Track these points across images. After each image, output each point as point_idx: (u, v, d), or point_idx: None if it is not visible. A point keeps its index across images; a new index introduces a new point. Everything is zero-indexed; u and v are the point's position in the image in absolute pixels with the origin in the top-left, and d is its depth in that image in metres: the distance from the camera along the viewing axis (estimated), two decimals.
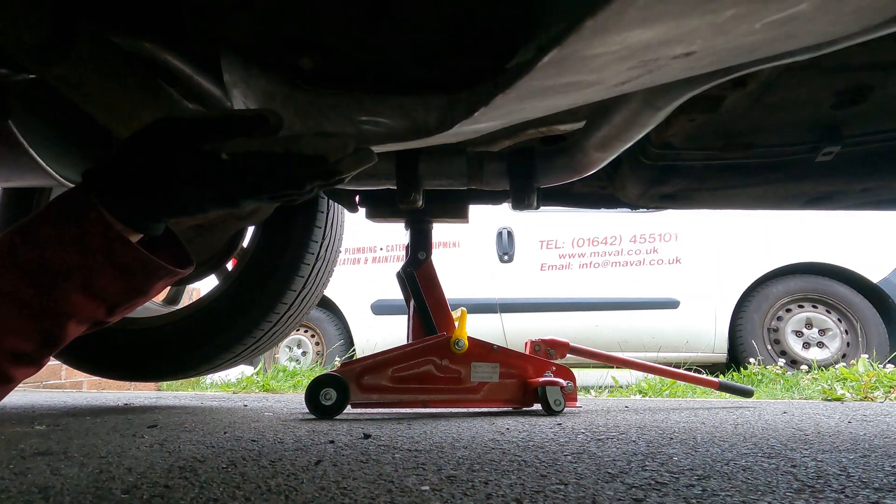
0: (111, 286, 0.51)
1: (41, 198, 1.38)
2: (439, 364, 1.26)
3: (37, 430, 1.00)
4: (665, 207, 1.02)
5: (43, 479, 0.59)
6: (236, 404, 1.67)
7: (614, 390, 2.44)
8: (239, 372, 3.15)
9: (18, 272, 0.48)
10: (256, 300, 1.32)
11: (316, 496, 0.52)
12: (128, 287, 0.52)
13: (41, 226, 0.49)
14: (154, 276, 0.53)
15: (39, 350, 0.51)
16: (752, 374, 2.70)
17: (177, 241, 0.59)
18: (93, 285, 0.50)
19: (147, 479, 0.59)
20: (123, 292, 0.52)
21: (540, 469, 0.65)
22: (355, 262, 3.67)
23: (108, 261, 0.49)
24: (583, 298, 3.25)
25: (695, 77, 0.53)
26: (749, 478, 0.60)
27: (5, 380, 0.50)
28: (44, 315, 0.49)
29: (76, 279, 0.49)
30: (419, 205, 0.87)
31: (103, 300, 0.51)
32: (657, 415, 1.32)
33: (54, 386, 2.92)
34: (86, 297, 0.50)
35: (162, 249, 0.57)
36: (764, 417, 1.25)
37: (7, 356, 0.49)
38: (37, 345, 0.50)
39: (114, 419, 1.18)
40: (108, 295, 0.51)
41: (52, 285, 0.48)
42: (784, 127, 0.77)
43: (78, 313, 0.50)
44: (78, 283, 0.49)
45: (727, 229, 3.21)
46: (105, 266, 0.49)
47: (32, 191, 1.38)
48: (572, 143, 0.81)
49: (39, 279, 0.48)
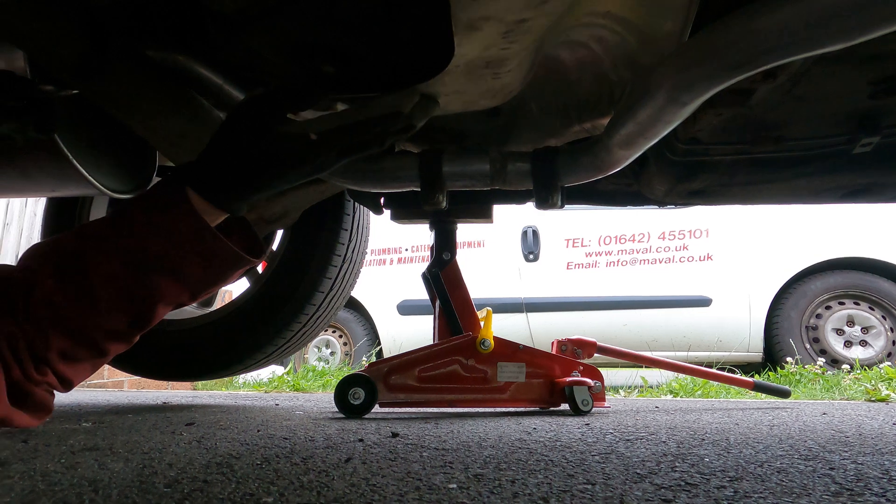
0: (196, 273, 0.55)
1: (83, 207, 1.45)
2: (465, 364, 1.26)
3: (84, 427, 1.05)
4: (693, 204, 1.00)
5: (92, 473, 0.62)
6: (268, 403, 1.71)
7: (644, 390, 2.40)
8: (270, 372, 3.23)
9: (118, 257, 0.53)
10: (286, 302, 1.35)
11: (347, 492, 0.53)
12: (210, 275, 0.56)
13: (138, 214, 0.54)
14: (234, 265, 0.57)
15: (130, 329, 0.56)
16: (790, 374, 2.61)
17: (249, 230, 0.63)
18: (180, 272, 0.54)
19: (187, 474, 0.62)
20: (206, 279, 0.57)
21: (567, 469, 0.64)
22: (381, 264, 3.71)
23: (195, 250, 0.54)
24: (610, 297, 3.20)
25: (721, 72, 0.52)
26: (784, 480, 0.59)
27: (101, 354, 0.55)
28: (137, 297, 0.54)
29: (166, 266, 0.54)
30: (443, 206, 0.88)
31: (188, 286, 0.56)
32: (688, 415, 1.29)
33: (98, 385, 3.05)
34: (174, 283, 0.55)
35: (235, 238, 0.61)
36: (801, 419, 1.21)
37: (104, 333, 0.54)
38: (128, 324, 0.55)
39: (154, 417, 1.23)
40: (193, 281, 0.56)
41: (145, 271, 0.53)
42: (817, 119, 0.74)
43: (165, 297, 0.55)
44: (168, 270, 0.54)
45: (761, 224, 3.11)
46: (192, 255, 0.54)
47: (75, 200, 1.45)
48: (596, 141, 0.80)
49: (135, 265, 0.53)
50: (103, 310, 0.53)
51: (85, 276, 0.52)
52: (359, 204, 1.39)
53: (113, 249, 0.53)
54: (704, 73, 0.52)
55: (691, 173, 0.88)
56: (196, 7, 0.61)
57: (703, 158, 0.84)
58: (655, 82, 0.58)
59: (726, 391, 2.22)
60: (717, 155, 0.83)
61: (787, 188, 0.89)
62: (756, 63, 0.49)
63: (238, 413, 1.34)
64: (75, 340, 0.53)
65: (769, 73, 0.62)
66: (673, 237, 3.21)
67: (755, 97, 0.66)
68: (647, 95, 0.60)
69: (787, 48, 0.46)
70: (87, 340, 0.53)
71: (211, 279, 0.57)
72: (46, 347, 0.51)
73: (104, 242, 0.53)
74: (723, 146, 0.81)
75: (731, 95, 0.65)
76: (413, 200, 1.15)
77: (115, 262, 0.53)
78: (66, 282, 0.52)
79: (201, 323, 1.41)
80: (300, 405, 1.61)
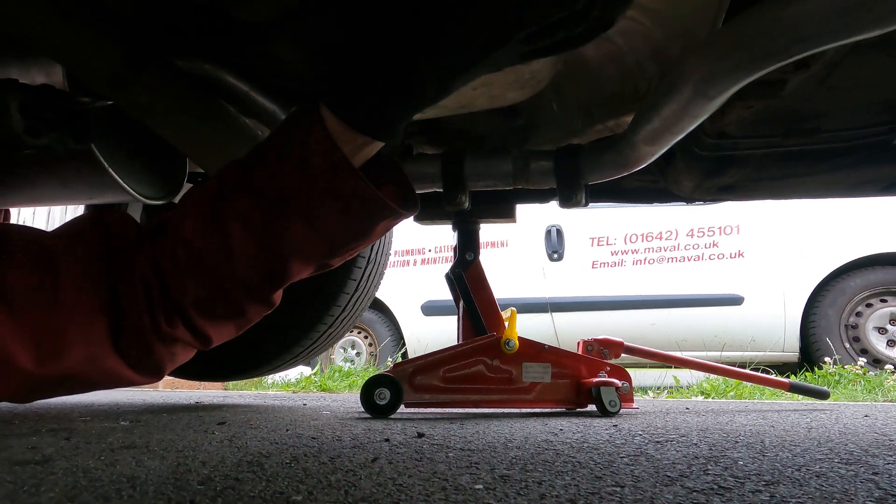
0: (332, 220, 0.47)
1: None
2: (490, 364, 1.26)
3: (122, 425, 1.09)
4: (723, 199, 0.98)
5: (129, 470, 0.65)
6: (296, 403, 1.74)
7: (674, 391, 2.35)
8: (298, 372, 3.29)
9: (248, 194, 0.46)
10: (312, 302, 1.38)
11: (374, 492, 0.54)
12: (350, 223, 0.47)
13: (271, 147, 0.47)
14: (378, 214, 0.48)
15: (264, 284, 0.49)
16: (829, 375, 2.51)
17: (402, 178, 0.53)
18: (315, 217, 0.46)
19: (219, 472, 0.63)
20: (345, 230, 0.48)
21: (595, 470, 0.64)
22: (405, 265, 3.73)
23: (331, 189, 0.45)
24: (637, 296, 3.14)
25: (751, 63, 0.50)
26: (823, 485, 0.56)
27: (241, 313, 0.50)
28: (268, 246, 0.46)
29: (298, 207, 0.46)
30: (465, 206, 0.88)
31: (324, 236, 0.48)
32: (721, 417, 1.26)
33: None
34: (307, 230, 0.47)
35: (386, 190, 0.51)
36: (842, 421, 1.16)
37: (240, 287, 0.48)
38: (262, 278, 0.48)
39: (187, 416, 1.27)
40: (329, 231, 0.47)
41: (278, 213, 0.46)
42: (854, 109, 0.71)
43: (300, 249, 0.48)
44: (300, 213, 0.46)
45: (795, 219, 3.00)
46: (327, 196, 0.45)
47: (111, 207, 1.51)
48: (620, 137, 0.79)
49: (268, 205, 0.46)
50: (238, 258, 0.46)
51: (221, 217, 0.46)
52: None
53: (244, 186, 0.46)
54: (733, 64, 0.50)
55: (720, 168, 0.85)
56: (225, 17, 0.62)
57: (732, 153, 0.81)
58: (682, 75, 0.56)
59: (760, 392, 2.15)
60: (747, 149, 0.80)
61: (823, 182, 0.86)
62: (788, 52, 0.47)
63: (267, 413, 1.37)
64: (214, 292, 0.47)
65: (802, 63, 0.60)
66: (702, 234, 3.13)
67: (787, 88, 0.64)
68: (673, 89, 0.59)
69: (820, 36, 0.44)
70: (224, 294, 0.48)
71: (352, 228, 0.48)
72: (184, 293, 0.46)
73: (239, 181, 0.47)
74: (753, 140, 0.78)
75: (761, 87, 0.63)
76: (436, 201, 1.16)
77: (247, 203, 0.46)
78: (205, 224, 0.46)
79: None
80: (327, 405, 1.63)
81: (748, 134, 0.77)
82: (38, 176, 0.85)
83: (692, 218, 3.16)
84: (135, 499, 0.52)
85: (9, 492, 0.55)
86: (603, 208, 3.30)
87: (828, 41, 0.45)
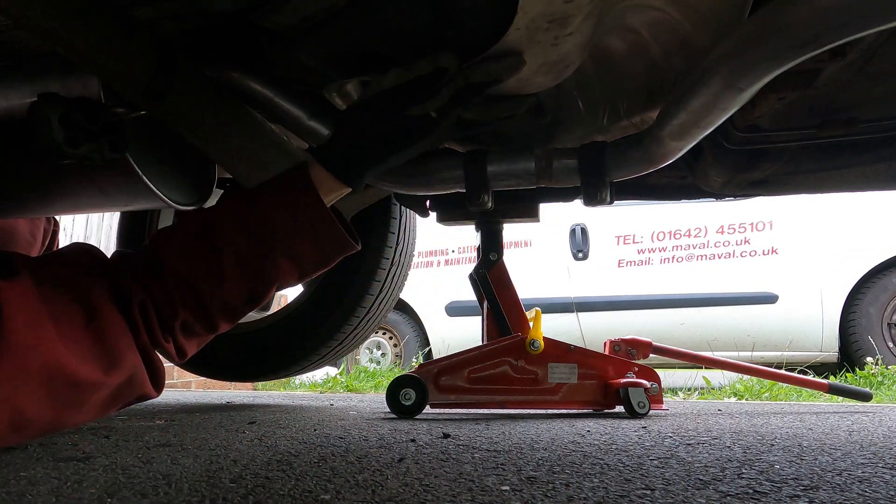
0: (308, 255, 0.58)
1: (152, 219, 1.56)
2: (515, 365, 1.25)
3: (157, 424, 1.13)
4: (755, 195, 0.94)
5: (165, 468, 0.67)
6: (323, 403, 1.76)
7: (705, 392, 2.28)
8: (324, 373, 3.33)
9: (246, 233, 0.55)
10: (338, 305, 1.39)
11: (400, 492, 0.54)
12: (321, 258, 0.59)
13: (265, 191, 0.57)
14: (342, 250, 0.60)
15: (243, 307, 0.57)
16: (870, 375, 2.40)
17: (347, 223, 0.65)
18: (297, 253, 0.57)
19: (250, 471, 0.65)
20: (315, 262, 0.59)
21: (624, 473, 0.62)
22: (429, 266, 3.74)
23: (312, 231, 0.56)
24: (665, 295, 3.07)
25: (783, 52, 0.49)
26: (866, 490, 0.54)
27: (212, 329, 0.57)
28: (257, 275, 0.56)
29: (286, 245, 0.56)
30: (489, 206, 0.88)
31: (299, 267, 0.58)
32: (755, 419, 1.22)
33: (168, 385, 3.26)
34: (290, 263, 0.57)
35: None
36: (885, 424, 1.11)
37: (220, 307, 0.55)
38: (243, 302, 0.56)
39: (219, 416, 1.30)
40: (305, 263, 0.58)
41: (268, 248, 0.55)
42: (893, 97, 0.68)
43: (280, 277, 0.57)
44: (286, 249, 0.56)
45: (832, 214, 2.88)
46: (308, 236, 0.56)
47: (145, 213, 1.56)
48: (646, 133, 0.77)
49: (260, 239, 0.55)
50: (228, 283, 0.54)
51: (213, 248, 0.54)
52: (405, 207, 1.41)
53: (242, 225, 0.55)
54: (766, 53, 0.49)
55: (752, 162, 0.83)
56: (253, 27, 0.64)
57: (764, 146, 0.79)
58: (710, 67, 0.55)
59: (797, 394, 2.08)
60: (780, 142, 0.77)
61: (862, 174, 0.83)
62: (825, 40, 0.45)
63: (295, 412, 1.40)
64: (197, 313, 0.54)
65: (837, 51, 0.57)
66: (733, 231, 3.04)
67: (822, 77, 0.62)
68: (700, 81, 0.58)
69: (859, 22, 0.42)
70: (206, 314, 0.55)
71: (320, 263, 0.59)
72: (174, 317, 0.53)
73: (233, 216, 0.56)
74: (786, 132, 0.76)
75: (794, 77, 0.61)
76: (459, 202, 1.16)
77: (241, 237, 0.54)
78: (195, 254, 0.54)
79: (261, 326, 1.48)
80: (353, 405, 1.65)
81: (781, 126, 0.75)
82: (78, 184, 0.88)
83: (722, 214, 3.07)
84: (170, 496, 0.54)
85: (53, 487, 0.57)
86: (629, 206, 3.24)
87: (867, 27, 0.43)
